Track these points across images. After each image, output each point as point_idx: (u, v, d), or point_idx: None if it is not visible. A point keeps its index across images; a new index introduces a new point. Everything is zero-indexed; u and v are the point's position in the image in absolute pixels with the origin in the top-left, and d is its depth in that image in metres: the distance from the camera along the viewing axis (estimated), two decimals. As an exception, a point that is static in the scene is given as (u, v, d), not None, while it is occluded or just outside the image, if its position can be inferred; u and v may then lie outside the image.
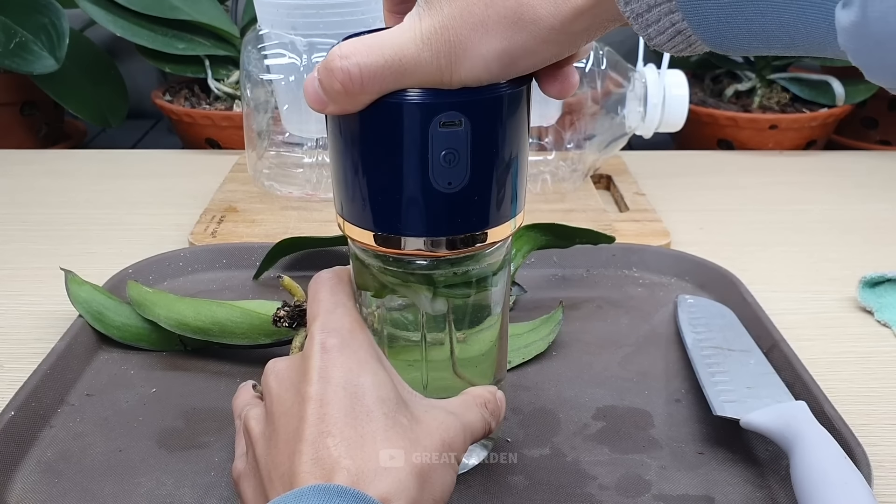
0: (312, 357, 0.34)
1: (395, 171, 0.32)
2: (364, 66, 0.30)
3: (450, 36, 0.29)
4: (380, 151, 0.32)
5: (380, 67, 0.30)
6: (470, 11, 0.29)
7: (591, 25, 0.29)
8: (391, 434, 0.31)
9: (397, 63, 0.30)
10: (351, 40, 0.31)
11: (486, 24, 0.29)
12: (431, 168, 0.31)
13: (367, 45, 0.30)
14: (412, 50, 0.30)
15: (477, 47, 0.29)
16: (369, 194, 0.33)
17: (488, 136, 0.32)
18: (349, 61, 0.30)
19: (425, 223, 0.33)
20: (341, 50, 0.30)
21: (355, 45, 0.30)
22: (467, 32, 0.29)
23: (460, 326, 0.38)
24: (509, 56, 0.30)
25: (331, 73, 0.31)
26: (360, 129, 0.32)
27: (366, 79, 0.30)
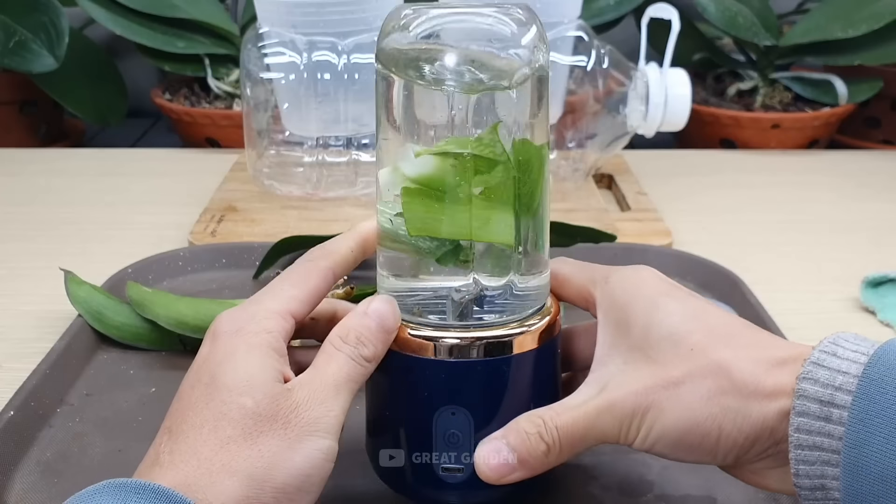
0: (202, 346, 0.34)
1: None
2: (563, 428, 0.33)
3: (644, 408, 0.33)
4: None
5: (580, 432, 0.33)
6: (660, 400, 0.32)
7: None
8: (222, 423, 0.31)
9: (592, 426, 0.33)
10: (542, 408, 0.34)
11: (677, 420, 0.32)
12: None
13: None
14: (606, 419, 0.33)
15: (658, 427, 0.32)
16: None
17: None
18: (549, 426, 0.33)
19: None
20: (539, 417, 0.34)
21: (549, 411, 0.34)
22: (663, 406, 0.32)
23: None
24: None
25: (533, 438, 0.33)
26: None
27: (565, 442, 0.33)
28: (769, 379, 0.31)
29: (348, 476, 0.41)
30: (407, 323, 0.36)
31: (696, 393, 0.31)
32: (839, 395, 0.29)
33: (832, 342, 0.31)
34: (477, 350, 0.35)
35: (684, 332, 0.33)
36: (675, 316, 0.33)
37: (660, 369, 0.32)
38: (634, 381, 0.33)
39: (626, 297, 0.35)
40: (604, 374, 0.34)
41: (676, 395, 0.32)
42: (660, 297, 0.34)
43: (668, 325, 0.33)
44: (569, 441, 0.33)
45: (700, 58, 0.98)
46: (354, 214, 0.71)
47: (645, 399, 0.32)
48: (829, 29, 0.86)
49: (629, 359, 0.34)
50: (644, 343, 0.33)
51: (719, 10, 0.86)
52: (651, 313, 0.34)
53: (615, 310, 0.35)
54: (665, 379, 0.32)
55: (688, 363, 0.32)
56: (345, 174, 0.72)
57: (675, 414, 0.32)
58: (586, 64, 0.71)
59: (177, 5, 0.88)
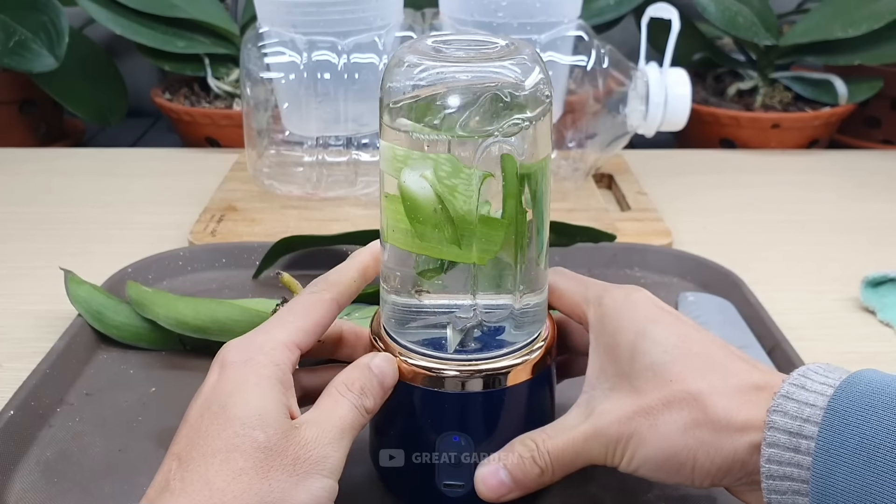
0: (210, 373, 0.35)
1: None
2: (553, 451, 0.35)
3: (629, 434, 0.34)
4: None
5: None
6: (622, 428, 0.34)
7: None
8: (234, 455, 0.31)
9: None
10: (535, 432, 0.36)
11: (663, 448, 0.34)
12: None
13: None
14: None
15: (639, 454, 0.34)
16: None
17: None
18: (542, 450, 0.35)
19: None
20: (532, 441, 0.36)
21: (541, 435, 0.36)
22: (644, 435, 0.34)
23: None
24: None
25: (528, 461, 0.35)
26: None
27: (556, 464, 0.35)
28: (741, 413, 0.32)
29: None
30: (410, 351, 0.37)
31: (673, 424, 0.33)
32: (807, 426, 0.30)
33: (802, 374, 0.32)
34: (477, 382, 0.36)
35: (665, 362, 0.34)
36: (659, 346, 0.35)
37: (641, 398, 0.34)
38: (618, 409, 0.34)
39: (615, 322, 0.36)
40: (593, 398, 0.36)
41: (655, 426, 0.33)
42: (647, 323, 0.35)
43: (651, 355, 0.34)
44: (560, 464, 0.35)
45: (700, 57, 0.98)
46: (354, 214, 0.71)
47: (627, 427, 0.34)
48: (829, 29, 0.86)
49: (616, 384, 0.35)
50: (629, 370, 0.35)
51: (719, 10, 0.86)
52: (637, 341, 0.35)
53: (605, 334, 0.36)
54: (645, 409, 0.34)
55: (667, 394, 0.33)
56: (345, 174, 0.72)
57: (654, 443, 0.33)
58: (586, 64, 0.71)
59: (177, 5, 0.88)
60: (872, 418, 0.29)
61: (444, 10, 0.72)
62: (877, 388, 0.30)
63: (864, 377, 0.31)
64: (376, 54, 0.68)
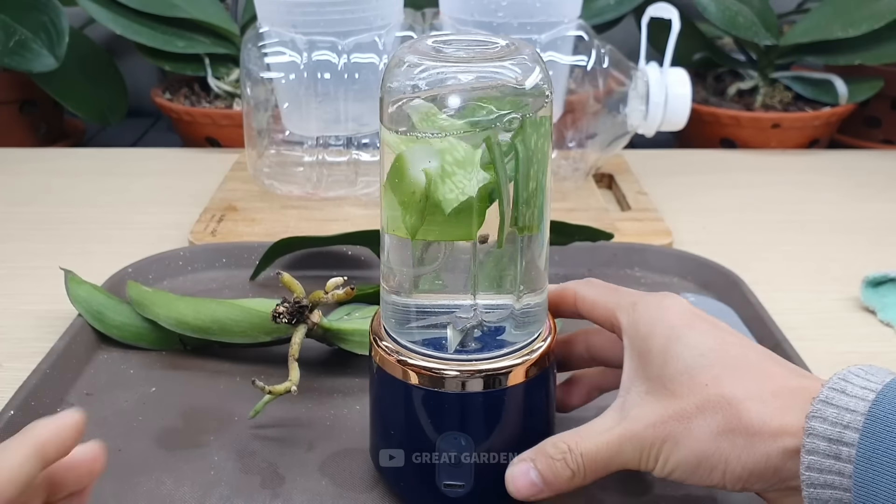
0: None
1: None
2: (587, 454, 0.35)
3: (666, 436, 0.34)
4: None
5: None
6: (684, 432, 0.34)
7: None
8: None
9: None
10: (568, 433, 0.36)
11: (699, 450, 0.33)
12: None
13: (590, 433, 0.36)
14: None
15: (673, 458, 0.34)
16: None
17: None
18: (575, 453, 0.35)
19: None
20: (565, 443, 0.35)
21: (574, 437, 0.35)
22: (678, 438, 0.34)
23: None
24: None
25: (559, 463, 0.35)
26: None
27: (589, 467, 0.35)
28: (776, 418, 0.32)
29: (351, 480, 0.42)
30: (410, 351, 0.37)
31: (707, 428, 0.33)
32: (847, 433, 0.30)
33: (842, 378, 0.32)
34: (478, 382, 0.36)
35: (701, 366, 0.34)
36: (694, 350, 0.34)
37: (676, 402, 0.34)
38: (653, 413, 0.34)
39: (649, 326, 0.36)
40: (627, 401, 0.36)
41: (689, 429, 0.33)
42: (682, 328, 0.35)
43: (685, 359, 0.34)
44: (593, 468, 0.35)
45: (700, 57, 0.98)
46: (354, 214, 0.71)
47: (662, 431, 0.34)
48: (830, 28, 0.86)
49: (650, 388, 0.35)
50: (664, 374, 0.35)
51: (719, 10, 0.86)
52: (671, 346, 0.35)
53: (639, 339, 0.36)
54: (679, 413, 0.34)
55: (701, 398, 0.33)
56: (345, 174, 0.72)
57: (687, 447, 0.33)
58: (586, 63, 0.71)
59: (177, 5, 0.88)
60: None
61: (445, 10, 0.72)
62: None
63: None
64: (376, 54, 0.68)
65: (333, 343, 0.49)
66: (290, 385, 0.43)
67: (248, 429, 0.45)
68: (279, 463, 0.42)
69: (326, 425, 0.45)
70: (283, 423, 0.45)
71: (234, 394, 0.48)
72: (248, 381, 0.44)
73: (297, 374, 0.44)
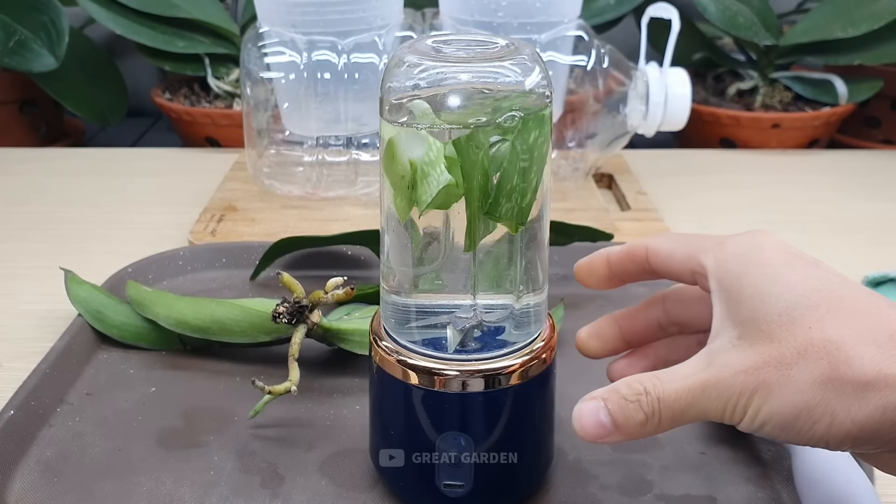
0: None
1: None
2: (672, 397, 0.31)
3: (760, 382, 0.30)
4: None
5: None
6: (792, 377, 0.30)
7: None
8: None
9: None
10: (646, 374, 0.32)
11: (794, 391, 0.29)
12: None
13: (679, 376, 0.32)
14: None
15: (766, 409, 0.30)
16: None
17: None
18: (651, 396, 0.31)
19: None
20: (642, 385, 0.32)
21: (653, 379, 0.32)
22: (773, 387, 0.30)
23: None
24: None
25: (633, 405, 0.31)
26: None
27: (665, 413, 0.31)
28: (894, 366, 0.28)
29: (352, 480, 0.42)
30: (410, 351, 0.37)
31: (810, 375, 0.29)
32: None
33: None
34: (478, 382, 0.36)
35: (804, 307, 0.30)
36: (795, 290, 0.31)
37: (773, 346, 0.30)
38: (745, 358, 0.30)
39: (742, 265, 0.32)
40: (715, 347, 0.32)
41: (788, 376, 0.29)
42: (780, 266, 0.32)
43: (786, 300, 0.30)
44: (669, 414, 0.31)
45: (700, 57, 0.98)
46: (354, 214, 0.71)
47: (755, 378, 0.30)
48: (830, 28, 0.86)
49: (743, 332, 0.31)
50: (760, 317, 0.31)
51: (719, 10, 0.86)
52: (769, 285, 0.31)
53: (730, 278, 0.32)
54: (777, 358, 0.30)
55: (803, 341, 0.29)
56: (345, 174, 0.72)
57: (785, 396, 0.29)
58: (586, 63, 0.71)
59: (177, 5, 0.88)
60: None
61: (445, 10, 0.72)
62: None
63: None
64: (376, 54, 0.68)
65: (333, 343, 0.49)
66: (290, 385, 0.43)
67: (248, 429, 0.45)
68: (279, 463, 0.42)
69: (326, 425, 0.45)
70: (282, 423, 0.45)
71: (234, 394, 0.48)
72: (248, 381, 0.44)
73: (297, 375, 0.44)
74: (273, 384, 0.44)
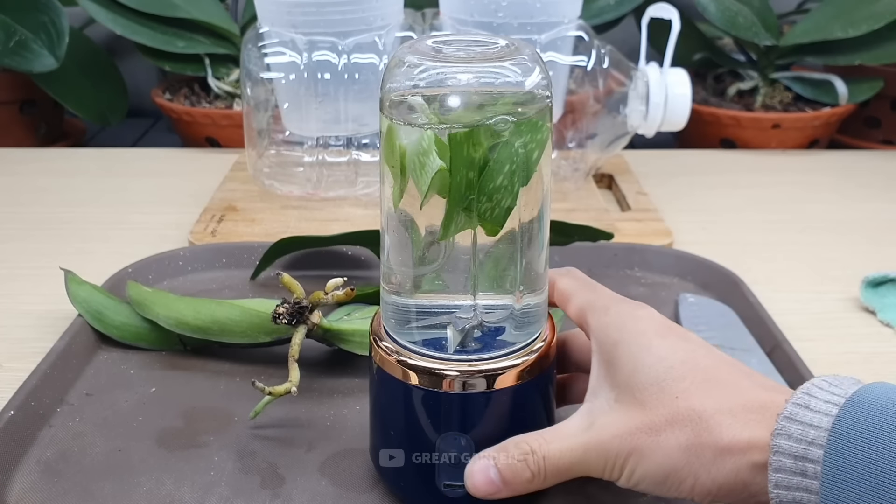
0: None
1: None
2: (550, 459, 0.35)
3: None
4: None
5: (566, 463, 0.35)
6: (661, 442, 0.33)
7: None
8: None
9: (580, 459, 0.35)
10: (533, 435, 0.35)
11: (667, 458, 0.33)
12: None
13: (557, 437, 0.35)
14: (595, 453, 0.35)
15: (640, 470, 0.34)
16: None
17: None
18: (537, 456, 0.35)
19: None
20: (528, 445, 0.35)
21: (539, 439, 0.35)
22: (644, 451, 0.33)
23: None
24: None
25: (520, 465, 0.35)
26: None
27: (550, 471, 0.35)
28: (745, 432, 0.32)
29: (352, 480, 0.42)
30: (410, 352, 0.37)
31: (676, 441, 0.33)
32: (812, 449, 0.30)
33: (806, 392, 0.32)
34: (478, 383, 0.36)
35: (672, 378, 0.34)
36: (665, 361, 0.34)
37: (645, 414, 0.33)
38: (621, 423, 0.34)
39: (619, 334, 0.36)
40: (595, 407, 0.35)
41: (657, 442, 0.33)
42: (652, 337, 0.35)
43: (656, 370, 0.34)
44: (554, 471, 0.35)
45: (700, 58, 0.98)
46: (354, 214, 0.71)
47: (629, 442, 0.33)
48: (830, 29, 0.86)
49: (619, 396, 0.35)
50: (633, 384, 0.34)
51: (720, 10, 0.86)
52: (642, 354, 0.35)
53: (608, 344, 0.36)
54: (648, 425, 0.33)
55: (671, 411, 0.33)
56: (345, 174, 0.72)
57: (655, 459, 0.33)
58: (586, 64, 0.71)
59: (177, 5, 0.88)
60: (877, 441, 0.29)
61: (445, 11, 0.72)
62: (882, 406, 0.29)
63: (870, 395, 0.30)
64: (376, 54, 0.68)
65: (333, 343, 0.49)
66: (290, 386, 0.43)
67: (248, 429, 0.45)
68: (279, 463, 0.42)
69: (326, 425, 0.45)
70: (283, 424, 0.45)
71: (234, 394, 0.48)
72: (248, 381, 0.44)
73: (297, 375, 0.44)
74: (273, 385, 0.44)
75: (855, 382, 0.32)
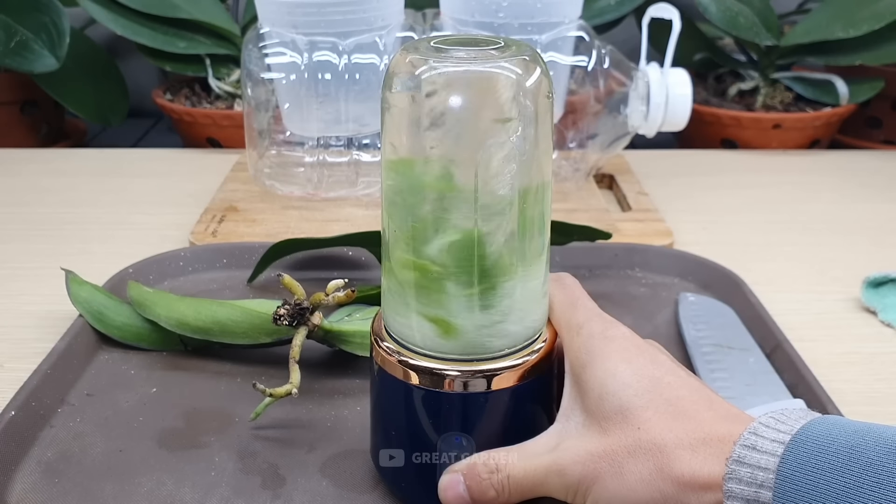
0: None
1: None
2: (514, 479, 0.35)
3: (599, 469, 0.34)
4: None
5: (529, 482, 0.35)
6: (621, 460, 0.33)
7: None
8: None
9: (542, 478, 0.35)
10: (502, 451, 0.36)
11: (630, 481, 0.33)
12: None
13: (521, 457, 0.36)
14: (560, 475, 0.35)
15: (601, 499, 0.34)
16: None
17: None
18: (502, 474, 0.35)
19: None
20: (495, 462, 0.36)
21: (506, 457, 0.36)
22: (606, 480, 0.33)
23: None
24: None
25: (485, 482, 0.36)
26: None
27: (514, 490, 0.35)
28: (705, 469, 0.31)
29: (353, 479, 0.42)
30: (410, 352, 0.36)
31: (637, 473, 0.33)
32: (763, 492, 0.30)
33: (753, 432, 0.31)
34: (479, 383, 0.36)
35: (636, 406, 0.34)
36: (629, 388, 0.34)
37: (607, 441, 0.34)
38: (582, 449, 0.34)
39: (588, 356, 0.36)
40: (563, 429, 0.36)
41: (619, 472, 0.33)
42: (620, 363, 0.35)
43: (621, 398, 0.34)
44: (518, 490, 0.35)
45: (701, 58, 0.98)
46: (355, 214, 0.71)
47: (591, 469, 0.34)
48: (830, 29, 0.86)
49: (586, 421, 0.35)
50: (598, 411, 0.34)
51: (720, 10, 0.86)
52: (607, 381, 0.34)
53: (578, 367, 0.36)
54: (610, 453, 0.33)
55: (633, 441, 0.33)
56: (346, 174, 0.72)
57: (616, 491, 0.33)
58: (587, 64, 0.71)
59: (178, 5, 0.88)
60: (820, 483, 0.28)
61: (445, 11, 0.72)
62: (823, 445, 0.29)
63: (812, 433, 0.30)
64: (377, 55, 0.68)
65: (334, 344, 0.49)
66: (291, 388, 0.43)
67: (249, 430, 0.45)
68: (280, 464, 0.42)
69: (327, 426, 0.45)
70: (283, 425, 0.45)
71: (235, 394, 0.48)
72: (249, 382, 0.45)
73: (298, 377, 0.44)
74: (274, 385, 0.44)
75: (801, 416, 0.32)
